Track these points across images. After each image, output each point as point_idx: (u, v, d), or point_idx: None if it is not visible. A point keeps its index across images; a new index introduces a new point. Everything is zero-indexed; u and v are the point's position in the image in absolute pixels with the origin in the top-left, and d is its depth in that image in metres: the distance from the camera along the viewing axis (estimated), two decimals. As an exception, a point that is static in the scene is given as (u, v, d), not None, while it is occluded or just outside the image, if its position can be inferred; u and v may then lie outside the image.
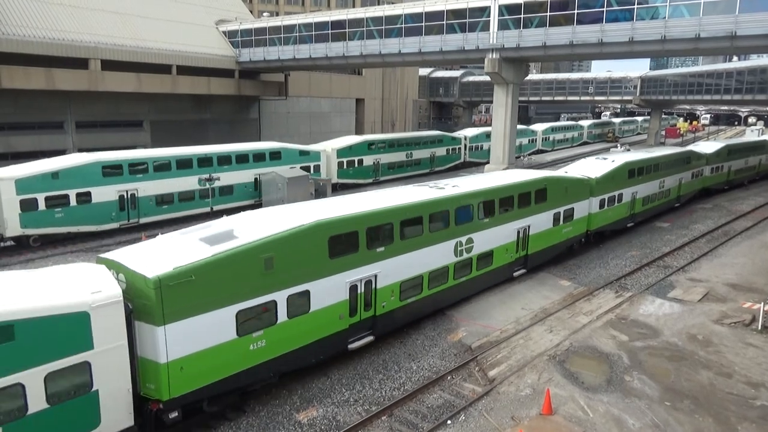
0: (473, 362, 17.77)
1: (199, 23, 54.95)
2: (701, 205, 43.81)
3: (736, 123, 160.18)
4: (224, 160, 38.03)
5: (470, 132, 67.20)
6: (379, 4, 50.55)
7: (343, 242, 16.29)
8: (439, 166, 59.88)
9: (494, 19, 39.91)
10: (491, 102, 51.12)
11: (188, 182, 35.85)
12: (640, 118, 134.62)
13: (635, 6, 34.86)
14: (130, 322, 11.94)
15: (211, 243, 13.92)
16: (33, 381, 10.48)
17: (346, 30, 47.15)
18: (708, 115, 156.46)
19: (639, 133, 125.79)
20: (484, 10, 40.34)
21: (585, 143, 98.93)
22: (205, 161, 36.77)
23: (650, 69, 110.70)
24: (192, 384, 13.02)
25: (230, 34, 55.35)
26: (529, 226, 24.56)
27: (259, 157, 40.34)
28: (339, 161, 47.56)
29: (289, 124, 64.84)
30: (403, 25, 44.17)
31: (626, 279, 26.14)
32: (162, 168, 34.52)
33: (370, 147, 51.08)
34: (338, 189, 46.29)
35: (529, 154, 77.58)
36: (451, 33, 42.24)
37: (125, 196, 32.80)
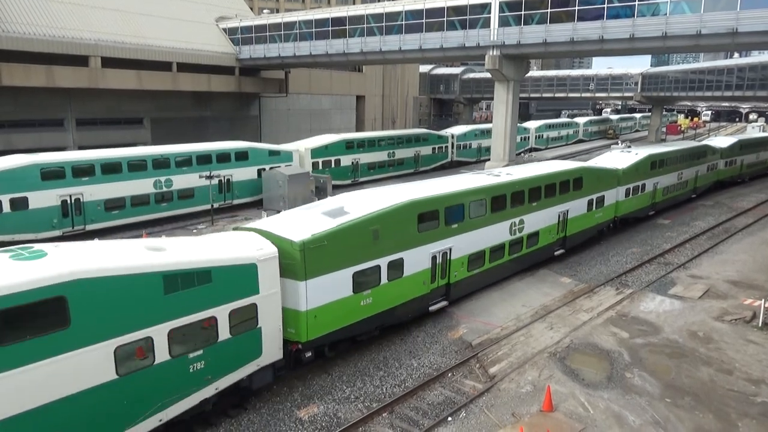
0: (474, 359, 17.79)
1: (200, 20, 54.87)
2: (702, 202, 43.79)
3: (737, 119, 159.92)
4: (184, 162, 35.57)
5: (458, 130, 64.75)
6: (379, 1, 50.19)
7: (428, 218, 19.43)
8: (424, 165, 57.44)
9: (495, 15, 39.83)
10: (492, 99, 50.93)
11: (142, 185, 33.50)
12: (638, 115, 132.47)
13: (636, 2, 34.77)
14: None
15: (332, 216, 17.01)
16: (222, 315, 13.56)
17: (347, 27, 47.07)
18: (709, 112, 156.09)
19: (637, 130, 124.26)
20: (485, 7, 40.26)
21: (580, 141, 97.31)
22: (161, 163, 34.44)
23: (651, 66, 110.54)
24: (322, 330, 16.17)
25: (230, 31, 55.27)
26: (567, 211, 27.30)
27: (223, 158, 37.85)
28: (313, 161, 44.93)
29: (289, 122, 64.78)
30: (403, 22, 44.11)
31: (627, 276, 26.15)
32: (112, 170, 32.08)
33: (348, 146, 48.48)
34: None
35: (524, 152, 76.58)
36: (452, 30, 42.18)
37: (68, 202, 30.26)
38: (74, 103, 45.03)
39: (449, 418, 14.54)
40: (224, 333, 13.64)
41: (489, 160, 47.49)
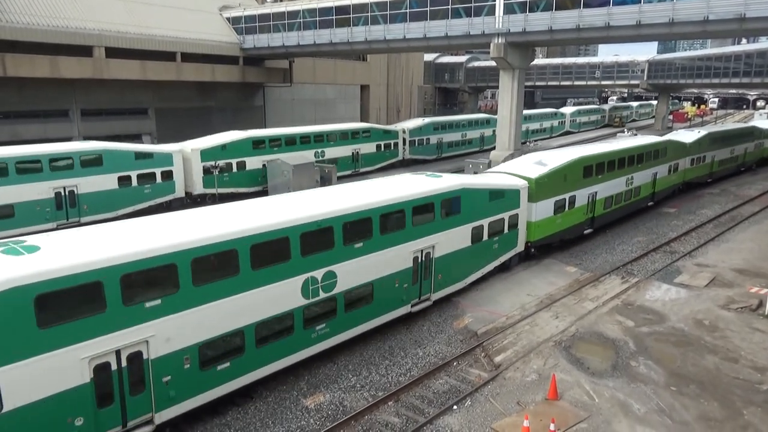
0: (479, 348, 17.84)
1: (203, 10, 54.65)
2: (708, 190, 43.57)
3: (744, 107, 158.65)
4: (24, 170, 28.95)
5: (412, 123, 57.71)
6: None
7: (588, 171, 28.28)
8: (366, 165, 50.11)
9: (500, 3, 39.45)
10: (497, 87, 50.48)
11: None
12: (635, 104, 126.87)
13: (643, -12, 34.39)
14: None
15: (542, 164, 26.11)
16: (506, 218, 23.17)
17: (350, 15, 46.75)
18: (716, 99, 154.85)
19: (634, 120, 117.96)
20: (490, -6, 39.91)
21: (568, 132, 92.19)
22: None
23: (658, 53, 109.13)
24: (538, 235, 25.45)
25: (234, 21, 55.03)
26: (657, 173, 35.71)
27: (64, 164, 30.26)
28: (205, 165, 36.21)
29: (294, 111, 64.63)
30: (407, 10, 43.77)
31: (632, 265, 26.11)
32: None
33: (257, 145, 40.64)
34: (206, 200, 36.19)
35: (532, 141, 76.28)
36: (457, 18, 41.83)
37: None
38: (78, 94, 45.05)
39: (455, 407, 14.61)
40: (506, 229, 23.23)
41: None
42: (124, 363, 12.10)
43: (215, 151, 37.31)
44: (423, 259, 19.06)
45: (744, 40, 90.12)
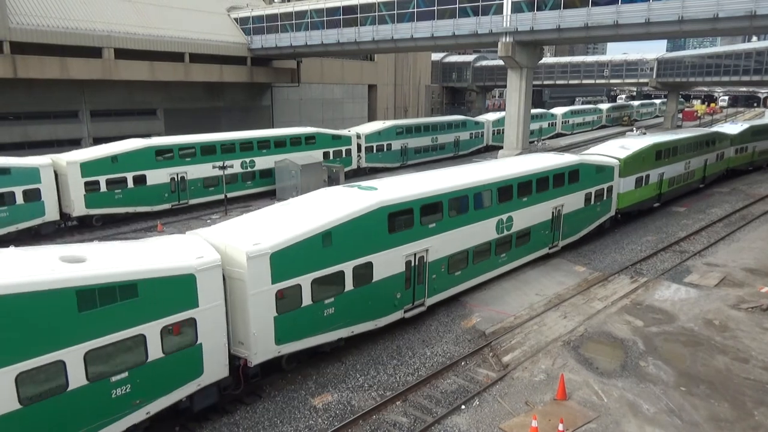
0: (487, 348, 17.80)
1: (211, 10, 54.89)
2: (718, 189, 43.25)
3: (755, 105, 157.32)
4: None
5: (369, 127, 50.92)
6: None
7: (659, 155, 33.76)
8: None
9: (508, 1, 39.39)
10: (505, 86, 50.33)
11: None
12: (636, 103, 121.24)
13: (652, -14, 34.25)
14: None
15: (625, 148, 31.27)
16: (605, 190, 28.69)
17: (358, 15, 46.83)
18: (726, 97, 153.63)
19: (635, 120, 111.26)
20: (498, -7, 39.86)
21: (559, 135, 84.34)
22: None
23: (667, 51, 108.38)
24: (622, 205, 31.00)
25: (242, 21, 55.24)
26: (707, 159, 41.29)
27: None
28: (87, 183, 30.97)
29: (301, 111, 64.77)
30: (415, 10, 43.78)
31: (642, 264, 25.96)
32: None
33: (162, 156, 34.43)
34: (92, 224, 32.10)
35: (541, 140, 74.42)
36: (464, 17, 41.80)
37: None
38: (88, 95, 45.38)
39: (462, 407, 14.59)
40: (604, 197, 28.84)
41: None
42: (416, 262, 18.82)
43: (102, 163, 31.65)
44: (556, 213, 25.60)
45: (754, 38, 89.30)
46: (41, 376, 10.82)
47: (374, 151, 49.96)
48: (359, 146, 48.59)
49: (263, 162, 40.26)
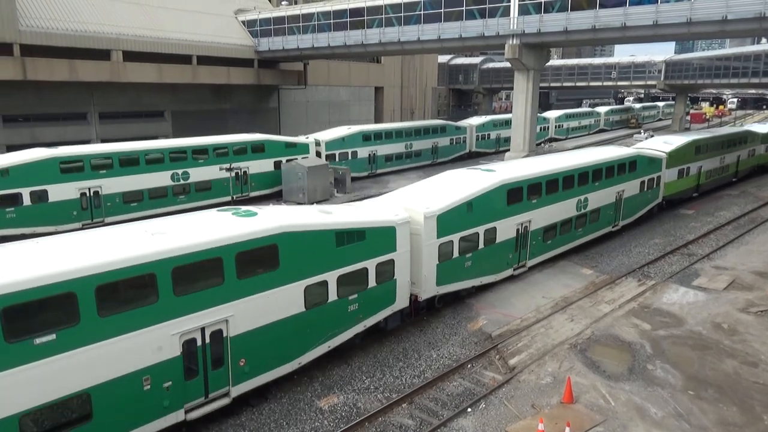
0: (494, 350, 17.75)
1: (219, 13, 55.11)
2: (727, 191, 42.97)
3: (764, 107, 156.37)
4: None
5: (331, 134, 47.24)
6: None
7: (698, 150, 37.56)
8: (260, 189, 39.80)
9: (515, 3, 39.30)
10: (512, 89, 50.16)
11: None
12: (637, 105, 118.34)
13: (660, -12, 34.09)
14: None
15: (668, 143, 35.46)
16: (654, 179, 32.85)
17: (365, 18, 46.86)
18: (735, 100, 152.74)
19: (632, 124, 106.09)
20: (505, -5, 39.76)
21: (553, 140, 79.99)
22: None
23: (675, 53, 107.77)
24: (668, 192, 35.16)
25: (249, 24, 55.42)
26: (740, 155, 45.16)
27: None
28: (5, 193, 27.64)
29: (308, 114, 64.88)
30: (422, 12, 43.76)
31: (649, 267, 25.81)
32: None
33: (69, 167, 30.18)
34: None
35: (543, 142, 73.13)
36: (471, 19, 41.74)
37: None
38: (96, 97, 45.63)
39: (469, 409, 14.54)
40: (654, 185, 32.83)
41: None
42: (522, 231, 23.24)
43: (19, 170, 27.93)
44: (619, 197, 29.65)
45: (764, 40, 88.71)
46: (315, 290, 15.24)
47: (337, 159, 45.56)
48: (318, 154, 44.15)
49: (199, 174, 35.72)
